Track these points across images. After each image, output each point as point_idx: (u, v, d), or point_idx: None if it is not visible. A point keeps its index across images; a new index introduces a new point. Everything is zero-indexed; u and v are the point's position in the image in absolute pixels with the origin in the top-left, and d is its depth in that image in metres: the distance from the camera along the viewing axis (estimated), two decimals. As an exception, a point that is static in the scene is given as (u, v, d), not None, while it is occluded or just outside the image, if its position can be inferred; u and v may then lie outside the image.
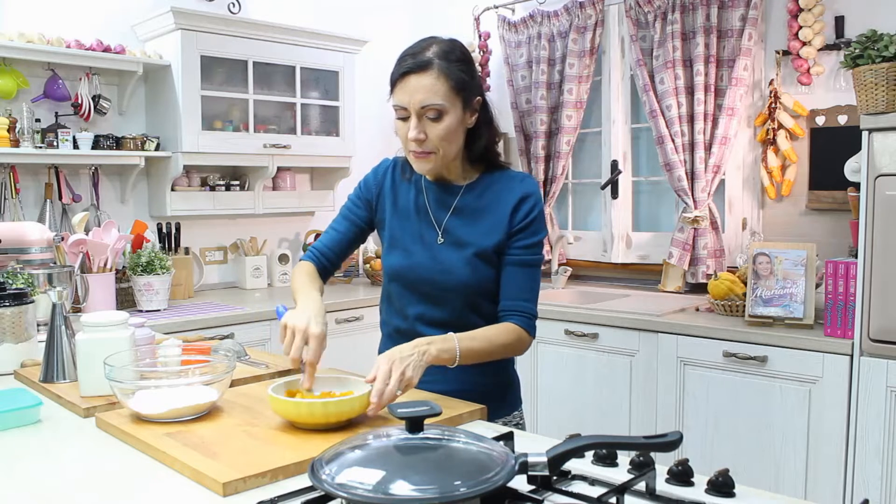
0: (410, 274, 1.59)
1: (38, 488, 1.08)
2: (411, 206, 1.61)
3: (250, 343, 2.87)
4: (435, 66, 1.44)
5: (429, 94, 1.43)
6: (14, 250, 2.45)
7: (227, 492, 1.04)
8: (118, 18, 3.31)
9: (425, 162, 1.50)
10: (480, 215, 1.55)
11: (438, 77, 1.44)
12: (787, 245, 2.56)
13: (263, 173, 3.54)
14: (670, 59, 3.15)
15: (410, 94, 1.44)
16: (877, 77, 2.21)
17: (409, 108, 1.45)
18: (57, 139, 2.96)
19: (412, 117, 1.46)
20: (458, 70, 1.46)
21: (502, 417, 1.62)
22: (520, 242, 1.54)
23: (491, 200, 1.56)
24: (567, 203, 3.87)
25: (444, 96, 1.45)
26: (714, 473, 1.02)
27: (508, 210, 1.54)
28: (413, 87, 1.44)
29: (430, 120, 1.45)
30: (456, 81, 1.45)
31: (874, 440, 2.22)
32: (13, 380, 1.73)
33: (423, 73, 1.44)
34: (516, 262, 1.55)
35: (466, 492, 0.83)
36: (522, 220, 1.54)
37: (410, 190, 1.62)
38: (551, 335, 3.01)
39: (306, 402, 1.24)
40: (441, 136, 1.46)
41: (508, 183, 1.57)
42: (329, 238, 1.67)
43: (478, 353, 1.47)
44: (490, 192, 1.57)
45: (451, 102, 1.46)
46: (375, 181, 1.67)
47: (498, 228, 1.54)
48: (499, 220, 1.54)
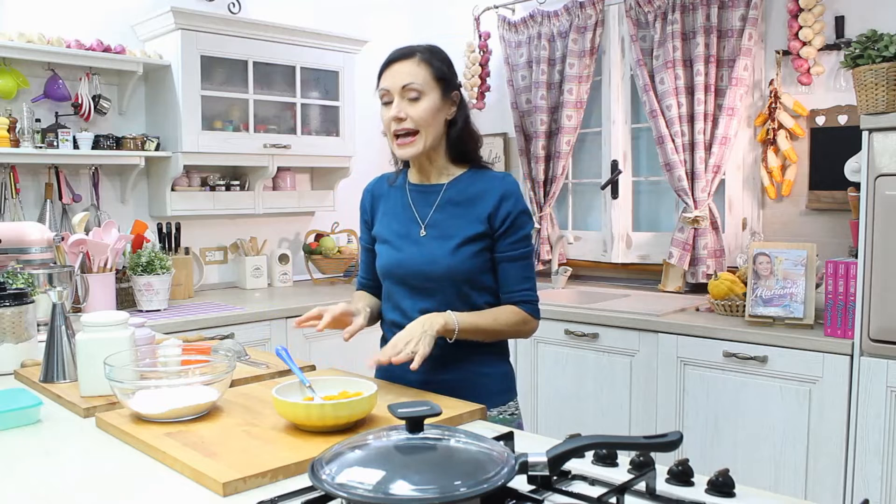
0: (399, 269, 1.66)
1: (38, 488, 1.08)
2: (398, 208, 1.71)
3: (250, 343, 2.87)
4: (417, 55, 1.59)
5: (409, 77, 1.57)
6: (14, 250, 2.45)
7: (227, 492, 1.04)
8: (118, 18, 3.31)
9: (409, 146, 1.60)
10: (463, 208, 1.63)
11: (419, 64, 1.59)
12: (787, 245, 2.56)
13: (263, 173, 3.54)
14: (670, 59, 3.15)
15: (393, 77, 1.59)
16: (877, 77, 2.21)
17: (392, 88, 1.58)
18: (57, 139, 2.96)
19: (395, 99, 1.58)
20: (439, 62, 1.61)
21: (498, 406, 1.67)
22: (507, 241, 1.62)
23: (473, 195, 1.63)
24: (567, 203, 3.87)
25: (424, 80, 1.58)
26: (714, 473, 1.02)
27: (490, 206, 1.61)
28: (396, 71, 1.59)
29: (410, 101, 1.58)
30: (435, 70, 1.60)
31: (874, 440, 2.22)
32: (13, 380, 1.73)
33: (406, 60, 1.59)
34: (508, 259, 1.63)
35: (466, 492, 0.83)
36: (505, 220, 1.61)
37: (396, 194, 1.72)
38: (551, 335, 3.01)
39: (314, 404, 1.23)
40: (420, 116, 1.57)
41: (490, 181, 1.65)
42: (363, 268, 1.83)
43: (483, 329, 1.57)
44: (472, 188, 1.64)
45: (430, 87, 1.59)
46: (364, 206, 1.81)
47: (481, 219, 1.61)
48: (481, 211, 1.61)
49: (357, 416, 1.26)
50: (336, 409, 1.23)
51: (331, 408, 1.22)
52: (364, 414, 1.28)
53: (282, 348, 1.54)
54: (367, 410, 1.28)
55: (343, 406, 1.23)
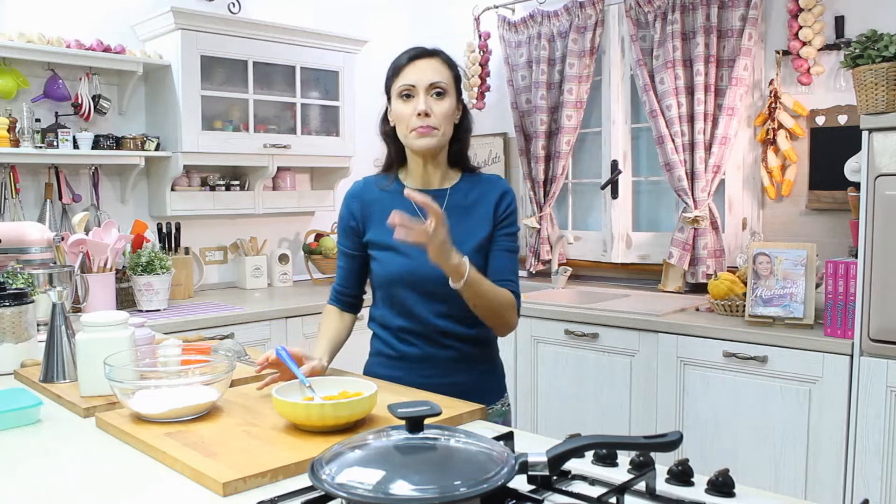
0: (412, 276, 1.64)
1: (38, 488, 1.08)
2: None
3: (250, 343, 2.87)
4: (440, 55, 1.66)
5: (437, 75, 1.62)
6: (14, 250, 2.45)
7: (227, 492, 1.04)
8: (118, 18, 3.31)
9: (429, 137, 1.62)
10: (470, 212, 1.68)
11: (443, 63, 1.65)
12: (787, 245, 2.56)
13: (263, 173, 3.54)
14: (670, 59, 3.15)
15: (420, 72, 1.61)
16: (877, 77, 2.21)
17: (418, 84, 1.60)
18: (57, 139, 2.96)
19: (420, 94, 1.60)
20: (456, 66, 1.69)
21: (492, 404, 1.71)
22: (504, 231, 1.69)
23: (477, 198, 1.70)
24: (567, 203, 3.87)
25: (448, 80, 1.64)
26: (714, 473, 1.02)
27: (493, 204, 1.69)
28: (423, 66, 1.62)
29: (435, 97, 1.61)
30: (455, 72, 1.67)
31: (874, 440, 2.22)
32: (13, 380, 1.73)
33: (432, 59, 1.64)
34: (503, 248, 1.69)
35: (466, 492, 0.83)
36: (504, 213, 1.70)
37: (393, 199, 1.67)
38: (551, 335, 3.01)
39: (314, 404, 1.23)
40: (443, 114, 1.62)
41: (488, 183, 1.72)
42: (339, 276, 1.80)
43: (484, 293, 1.57)
44: (475, 191, 1.71)
45: (452, 88, 1.65)
46: (350, 211, 1.74)
47: (487, 220, 1.68)
48: (486, 213, 1.68)
49: (357, 416, 1.26)
50: (336, 409, 1.23)
51: (331, 408, 1.22)
52: (364, 414, 1.28)
53: (282, 348, 1.54)
54: (367, 410, 1.28)
55: (343, 406, 1.23)
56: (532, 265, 3.77)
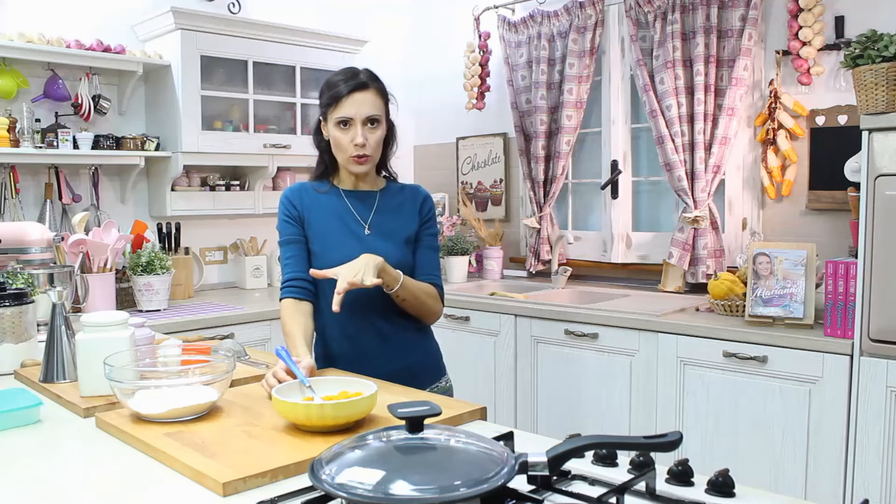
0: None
1: (38, 488, 1.08)
2: (334, 212, 1.85)
3: (250, 343, 2.87)
4: (372, 86, 1.78)
5: (373, 109, 1.77)
6: (14, 250, 2.45)
7: (227, 492, 1.04)
8: (118, 18, 3.31)
9: (366, 164, 1.80)
10: (399, 211, 1.89)
11: (376, 94, 1.79)
12: (787, 245, 2.56)
13: (263, 173, 3.54)
14: (670, 59, 3.15)
15: (358, 107, 1.75)
16: (877, 77, 2.21)
17: (356, 117, 1.75)
18: (57, 139, 2.96)
19: (356, 126, 1.75)
20: (386, 92, 1.83)
21: (435, 382, 1.91)
22: (428, 231, 1.91)
23: (403, 200, 1.91)
24: (567, 203, 3.87)
25: (381, 110, 1.80)
26: (714, 473, 1.02)
27: (418, 206, 1.90)
28: (360, 100, 1.75)
29: (370, 128, 1.77)
30: (384, 99, 1.82)
31: (874, 440, 2.22)
32: (13, 380, 1.73)
33: (366, 91, 1.77)
34: (428, 246, 1.90)
35: (466, 492, 0.83)
36: (428, 214, 1.92)
37: (329, 200, 1.86)
38: (551, 335, 3.01)
39: (314, 404, 1.24)
40: (377, 142, 1.80)
41: (412, 189, 1.94)
42: (290, 266, 1.86)
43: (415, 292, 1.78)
44: (400, 195, 1.92)
45: (383, 115, 1.81)
46: (291, 203, 1.89)
47: (413, 219, 1.89)
48: (412, 212, 1.89)
49: (357, 416, 1.26)
50: (336, 409, 1.23)
51: (331, 408, 1.22)
52: (364, 414, 1.28)
53: (282, 348, 1.55)
54: (367, 410, 1.28)
55: (343, 406, 1.23)
56: (532, 265, 3.77)
